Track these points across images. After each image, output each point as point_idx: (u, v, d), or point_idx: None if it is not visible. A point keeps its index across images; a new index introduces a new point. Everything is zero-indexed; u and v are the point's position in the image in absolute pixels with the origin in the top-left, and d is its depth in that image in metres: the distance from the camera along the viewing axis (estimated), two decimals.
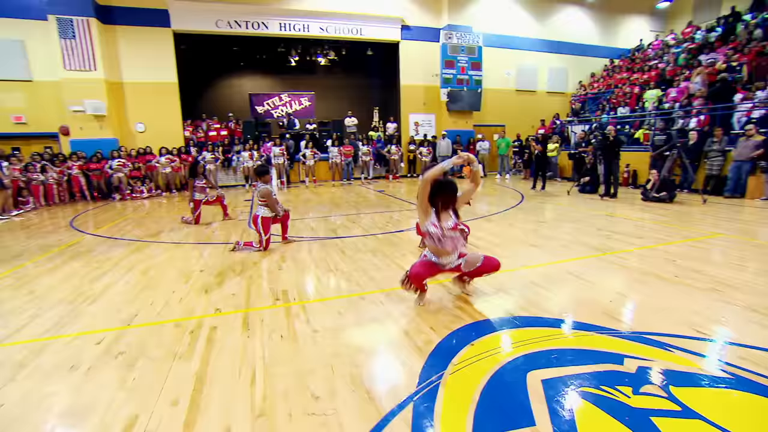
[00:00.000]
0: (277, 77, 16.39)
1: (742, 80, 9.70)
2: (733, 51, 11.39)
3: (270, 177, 4.77)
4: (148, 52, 11.44)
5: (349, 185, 12.20)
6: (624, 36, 17.15)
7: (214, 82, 15.76)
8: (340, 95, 17.23)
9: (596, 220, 5.94)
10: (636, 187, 9.75)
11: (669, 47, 14.87)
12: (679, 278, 3.37)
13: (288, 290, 3.35)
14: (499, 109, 15.45)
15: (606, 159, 8.15)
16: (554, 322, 2.58)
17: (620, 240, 4.71)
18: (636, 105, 12.79)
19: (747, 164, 7.85)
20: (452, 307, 2.91)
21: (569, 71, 16.40)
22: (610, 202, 7.83)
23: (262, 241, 4.60)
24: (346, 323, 2.69)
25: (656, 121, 10.54)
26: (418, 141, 14.16)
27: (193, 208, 6.45)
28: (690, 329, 2.46)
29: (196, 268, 4.07)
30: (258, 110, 14.80)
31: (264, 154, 12.01)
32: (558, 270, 3.69)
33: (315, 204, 8.51)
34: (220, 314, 2.90)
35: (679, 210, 6.72)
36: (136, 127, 11.68)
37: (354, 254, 4.43)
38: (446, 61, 14.01)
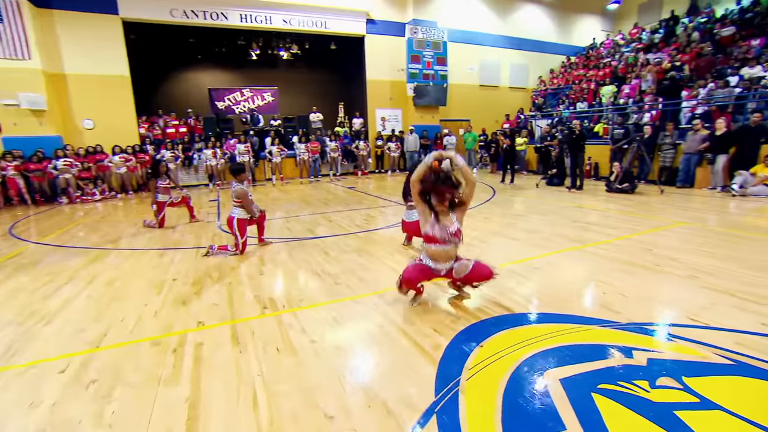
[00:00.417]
0: (238, 71, 15.68)
1: (687, 78, 10.38)
2: (676, 51, 12.21)
3: (246, 176, 4.48)
4: (93, 41, 10.48)
5: (317, 182, 11.91)
6: (578, 34, 17.92)
7: (170, 76, 14.81)
8: (304, 90, 16.79)
9: (569, 212, 6.13)
10: (598, 178, 10.21)
11: (619, 46, 15.72)
12: (660, 267, 3.50)
13: (275, 297, 3.14)
14: (463, 104, 15.65)
15: (572, 152, 8.45)
16: (557, 317, 2.57)
17: (596, 231, 4.86)
18: (593, 100, 13.41)
19: (695, 156, 8.42)
20: (450, 306, 2.84)
21: (530, 67, 16.90)
22: (577, 194, 8.13)
23: (239, 244, 4.33)
24: (345, 330, 2.54)
25: (614, 116, 11.10)
26: (385, 136, 14.06)
27: (156, 210, 5.98)
28: (684, 317, 2.53)
29: (168, 277, 3.74)
30: (218, 106, 14.09)
31: (228, 151, 11.43)
32: (545, 263, 3.72)
33: (285, 203, 8.20)
34: (204, 328, 2.66)
35: (640, 200, 7.09)
36: (84, 123, 10.70)
37: (338, 255, 4.26)
38: (412, 55, 13.97)
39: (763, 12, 11.65)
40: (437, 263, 2.78)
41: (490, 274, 2.72)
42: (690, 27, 13.26)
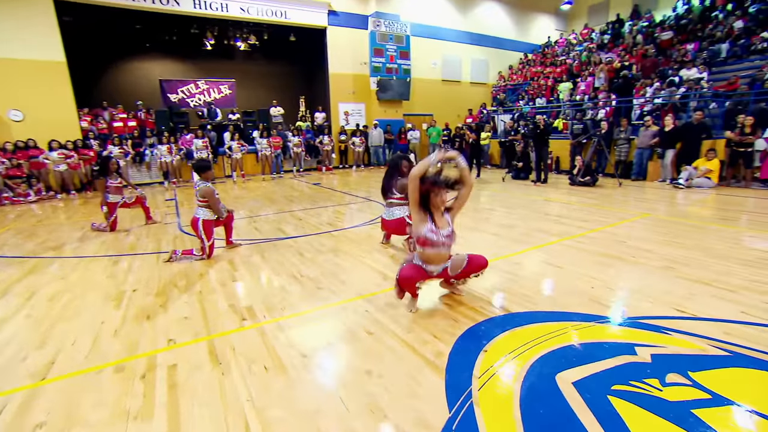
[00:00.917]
0: (192, 62, 14.70)
1: (639, 77, 10.98)
2: (624, 52, 12.93)
3: (212, 174, 4.12)
4: (17, 21, 9.31)
5: (280, 179, 11.45)
6: (535, 32, 18.52)
7: (115, 65, 13.56)
8: (263, 83, 16.09)
9: (539, 206, 6.25)
10: (559, 172, 10.59)
11: (572, 45, 16.43)
12: (636, 258, 3.60)
13: (253, 306, 2.88)
14: (426, 98, 15.69)
15: (537, 147, 8.67)
16: (553, 315, 2.53)
17: (570, 224, 4.96)
18: (551, 96, 13.91)
19: (647, 151, 8.94)
20: (444, 308, 2.73)
21: (490, 63, 17.24)
22: (542, 188, 8.36)
23: (205, 247, 3.97)
24: (337, 341, 2.35)
25: (571, 111, 11.55)
26: (349, 131, 13.80)
27: (107, 212, 5.41)
28: (672, 309, 2.58)
29: (127, 288, 3.35)
30: (171, 98, 13.13)
31: (184, 147, 10.68)
32: (530, 259, 3.72)
33: (249, 200, 7.77)
34: (176, 346, 2.36)
35: (602, 193, 7.39)
36: (9, 114, 9.51)
37: (314, 256, 4.03)
38: (375, 49, 13.75)
39: (695, 19, 12.59)
40: (430, 266, 2.65)
41: (486, 262, 2.75)
42: (634, 30, 14.08)
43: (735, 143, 7.70)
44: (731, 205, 6.03)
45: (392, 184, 3.92)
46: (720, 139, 8.12)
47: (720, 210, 5.68)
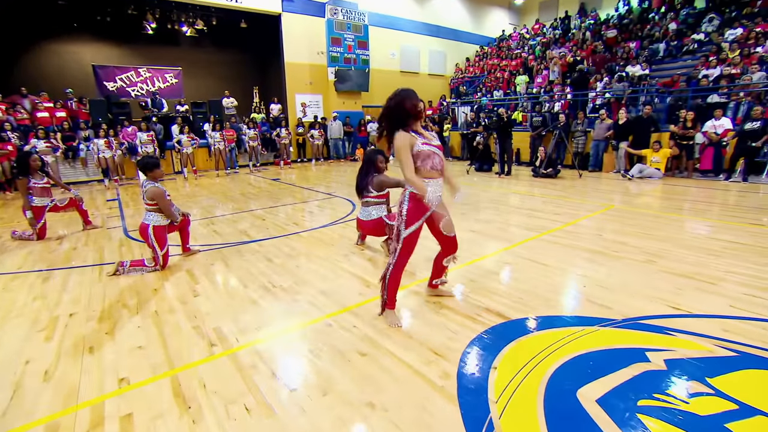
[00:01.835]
0: (130, 47, 13.30)
1: (594, 72, 11.40)
2: (575, 47, 13.43)
3: (162, 171, 3.60)
4: None
5: (235, 174, 10.73)
6: (490, 25, 18.79)
7: (36, 47, 11.90)
8: (213, 72, 15.01)
9: (509, 199, 6.25)
10: (519, 164, 10.80)
11: (526, 39, 16.86)
12: (617, 252, 3.60)
13: (222, 327, 2.50)
14: (385, 89, 14.91)
15: (500, 139, 8.72)
16: (555, 321, 2.40)
17: (544, 218, 4.96)
18: (508, 89, 14.17)
19: (602, 143, 9.30)
20: (439, 318, 2.51)
21: (447, 55, 17.27)
22: (507, 180, 8.44)
23: (158, 257, 3.47)
24: (328, 367, 2.06)
25: (528, 104, 11.80)
26: (307, 123, 13.23)
27: (32, 218, 4.64)
28: (666, 306, 2.55)
29: (61, 311, 2.81)
30: (108, 87, 11.82)
31: (125, 140, 9.63)
32: (513, 257, 3.61)
33: (203, 199, 7.13)
34: (130, 388, 1.95)
35: (565, 184, 7.57)
36: None
37: (285, 261, 3.67)
38: (332, 38, 13.23)
39: (635, 19, 13.33)
40: (432, 182, 2.29)
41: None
42: (583, 27, 14.67)
43: (679, 136, 8.19)
44: (682, 195, 6.37)
45: (368, 182, 3.64)
46: (665, 132, 8.60)
47: (675, 200, 5.96)
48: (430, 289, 2.77)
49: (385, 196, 3.75)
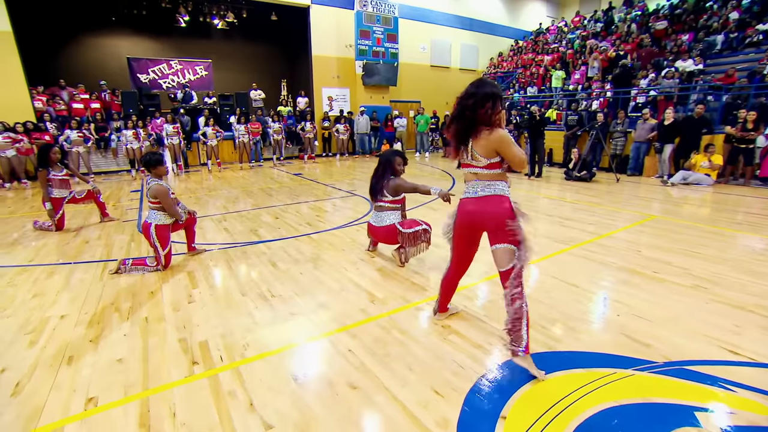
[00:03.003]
0: (164, 40, 13.58)
1: (638, 67, 10.56)
2: (618, 41, 12.52)
3: (165, 168, 3.47)
4: None
5: (259, 167, 10.72)
6: (526, 18, 17.95)
7: (77, 40, 12.34)
8: (243, 65, 15.10)
9: (539, 204, 5.80)
10: (551, 165, 10.19)
11: (564, 33, 15.95)
12: (659, 274, 3.16)
13: (208, 341, 2.31)
14: (414, 84, 15.04)
15: (532, 138, 8.20)
16: (583, 358, 2.06)
17: (575, 228, 4.52)
18: (543, 85, 13.44)
19: (644, 145, 8.58)
20: (446, 346, 2.22)
21: (480, 49, 16.63)
22: (537, 182, 7.93)
23: (160, 257, 3.36)
24: (313, 402, 1.82)
25: (564, 101, 11.11)
26: (333, 117, 13.07)
27: (51, 209, 4.69)
28: (720, 348, 2.14)
29: (54, 312, 2.73)
30: (141, 79, 12.10)
31: (153, 132, 9.80)
32: (539, 273, 3.25)
33: (223, 193, 7.09)
34: (96, 411, 1.78)
35: (600, 189, 7.00)
36: None
37: (289, 267, 3.47)
38: (361, 30, 12.97)
39: (689, 9, 12.23)
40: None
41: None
42: (628, 18, 13.67)
43: (736, 139, 7.40)
44: (736, 206, 5.70)
45: (383, 185, 3.37)
46: (719, 134, 7.81)
47: (728, 212, 5.33)
48: (441, 314, 2.47)
49: (400, 202, 3.47)
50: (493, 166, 1.90)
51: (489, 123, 1.85)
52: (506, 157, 1.88)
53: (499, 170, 1.92)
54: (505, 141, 1.83)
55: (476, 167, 1.94)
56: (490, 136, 1.84)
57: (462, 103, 1.90)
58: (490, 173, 1.92)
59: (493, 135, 1.83)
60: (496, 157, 1.88)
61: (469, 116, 1.87)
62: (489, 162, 1.89)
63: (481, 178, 1.95)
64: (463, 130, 1.92)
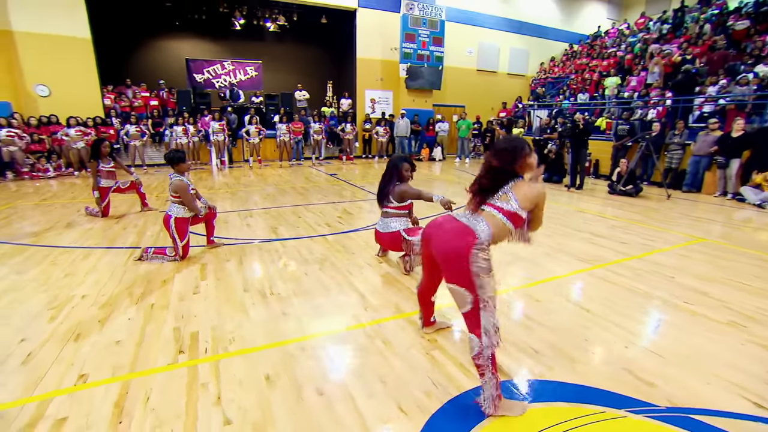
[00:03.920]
0: (220, 42, 14.47)
1: (704, 73, 9.65)
2: (686, 44, 11.47)
3: (187, 166, 3.67)
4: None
5: (298, 166, 11.05)
6: (583, 21, 17.01)
7: (144, 43, 13.52)
8: (291, 66, 15.66)
9: (571, 219, 5.45)
10: (597, 177, 9.57)
11: (625, 36, 14.90)
12: (691, 305, 2.84)
13: (200, 333, 2.40)
14: (459, 88, 14.78)
15: (574, 148, 7.74)
16: (567, 391, 1.89)
17: (604, 246, 4.19)
18: (596, 92, 12.66)
19: (705, 159, 7.79)
20: (425, 361, 2.14)
21: (530, 53, 16.01)
22: (577, 194, 7.47)
23: (178, 248, 3.55)
24: (277, 403, 1.82)
25: (618, 110, 10.38)
26: (374, 119, 13.17)
27: (98, 197, 5.14)
28: (744, 399, 1.87)
29: (78, 292, 2.97)
30: (197, 78, 12.95)
31: (202, 129, 10.46)
32: (550, 292, 3.04)
33: (257, 190, 7.38)
34: (84, 387, 1.91)
35: (647, 205, 6.44)
36: (36, 89, 9.59)
37: (297, 266, 3.52)
38: (407, 33, 12.97)
39: None
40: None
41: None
42: (701, 19, 12.50)
43: None
44: None
45: (389, 190, 3.33)
46: None
47: None
48: (428, 328, 2.39)
49: (406, 208, 3.41)
50: (506, 212, 1.71)
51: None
52: (533, 215, 1.77)
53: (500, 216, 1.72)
54: (541, 198, 1.74)
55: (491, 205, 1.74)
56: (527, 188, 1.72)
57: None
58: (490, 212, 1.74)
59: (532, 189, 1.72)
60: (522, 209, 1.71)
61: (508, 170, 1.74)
62: (508, 208, 1.71)
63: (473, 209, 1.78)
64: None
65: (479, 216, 1.74)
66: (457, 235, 1.68)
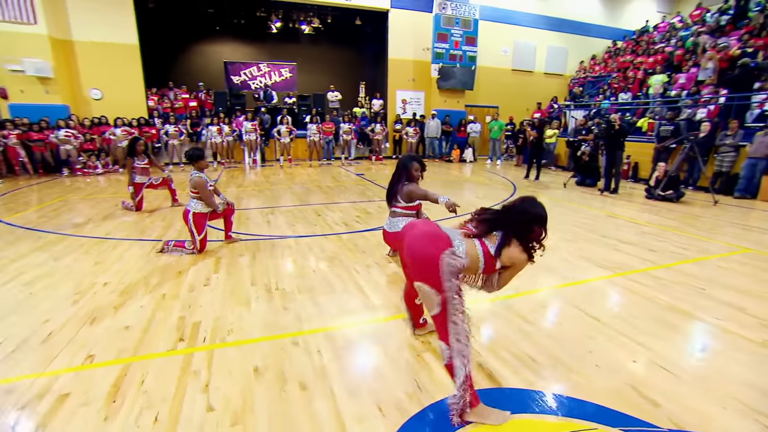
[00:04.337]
0: (256, 45, 15.02)
1: (765, 66, 8.82)
2: (748, 35, 10.53)
3: (205, 163, 3.84)
4: (102, 6, 10.04)
5: (328, 166, 11.24)
6: (629, 16, 16.08)
7: (186, 48, 14.33)
8: (325, 68, 15.96)
9: (600, 224, 5.17)
10: (636, 180, 9.02)
11: (676, 30, 13.93)
12: (720, 320, 2.60)
13: (202, 323, 2.50)
14: (492, 89, 14.44)
15: (609, 150, 7.34)
16: (561, 404, 1.79)
17: (629, 253, 3.93)
18: (639, 91, 11.94)
19: (763, 162, 7.12)
20: (415, 363, 2.10)
21: (569, 52, 15.36)
22: (611, 198, 7.07)
23: (195, 241, 3.71)
24: (260, 395, 1.86)
25: (662, 109, 9.74)
26: (404, 120, 13.15)
27: (133, 192, 5.49)
28: (760, 426, 1.69)
29: (101, 279, 3.18)
30: (234, 80, 13.51)
31: (237, 129, 10.89)
32: (561, 299, 2.90)
33: (284, 188, 7.57)
34: (89, 367, 2.04)
35: (688, 212, 5.99)
36: (91, 93, 10.40)
37: (306, 263, 3.58)
38: (439, 33, 12.84)
39: None
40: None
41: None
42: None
43: None
44: None
45: (397, 190, 3.31)
46: None
47: None
48: (419, 330, 2.34)
49: (414, 208, 3.37)
50: (486, 252, 1.73)
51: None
52: (505, 271, 1.81)
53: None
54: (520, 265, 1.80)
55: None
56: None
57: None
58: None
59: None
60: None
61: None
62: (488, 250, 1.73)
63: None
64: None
65: (464, 239, 1.72)
66: (432, 239, 1.66)
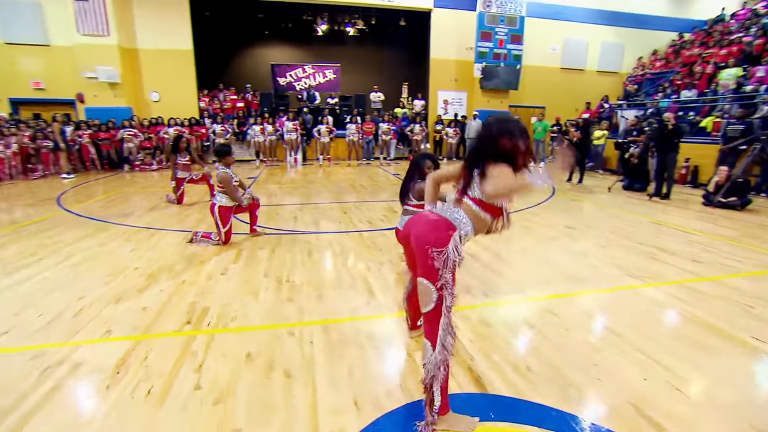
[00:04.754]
0: (303, 47, 15.55)
1: None
2: None
3: (232, 159, 4.04)
4: (163, 16, 10.93)
5: (367, 165, 11.37)
6: (701, 5, 14.66)
7: (237, 52, 15.16)
8: (368, 69, 16.16)
9: (639, 230, 4.78)
10: (696, 186, 8.22)
11: (759, 17, 12.48)
12: (763, 342, 2.30)
13: (210, 308, 2.63)
14: (539, 88, 13.85)
15: (660, 151, 6.76)
16: (543, 414, 1.68)
17: (670, 263, 3.60)
18: (706, 87, 10.87)
19: None
20: (407, 361, 2.07)
21: (626, 47, 14.34)
22: (661, 204, 6.50)
23: (221, 233, 3.92)
24: (247, 379, 1.92)
25: (732, 107, 8.79)
26: (446, 121, 12.98)
27: (174, 186, 5.91)
28: None
29: (133, 264, 3.45)
30: (280, 82, 14.09)
31: (280, 128, 11.36)
32: (578, 309, 2.72)
33: (318, 187, 7.77)
34: (105, 340, 2.24)
35: (753, 221, 5.36)
36: (150, 96, 11.34)
37: (321, 258, 3.66)
38: (482, 32, 12.53)
39: None
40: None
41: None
42: None
43: None
44: None
45: (409, 188, 3.27)
46: None
47: None
48: (415, 331, 2.29)
49: None
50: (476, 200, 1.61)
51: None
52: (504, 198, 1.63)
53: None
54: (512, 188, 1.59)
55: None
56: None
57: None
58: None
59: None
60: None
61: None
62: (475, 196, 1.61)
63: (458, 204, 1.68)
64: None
65: (459, 208, 1.64)
66: (434, 228, 1.59)
